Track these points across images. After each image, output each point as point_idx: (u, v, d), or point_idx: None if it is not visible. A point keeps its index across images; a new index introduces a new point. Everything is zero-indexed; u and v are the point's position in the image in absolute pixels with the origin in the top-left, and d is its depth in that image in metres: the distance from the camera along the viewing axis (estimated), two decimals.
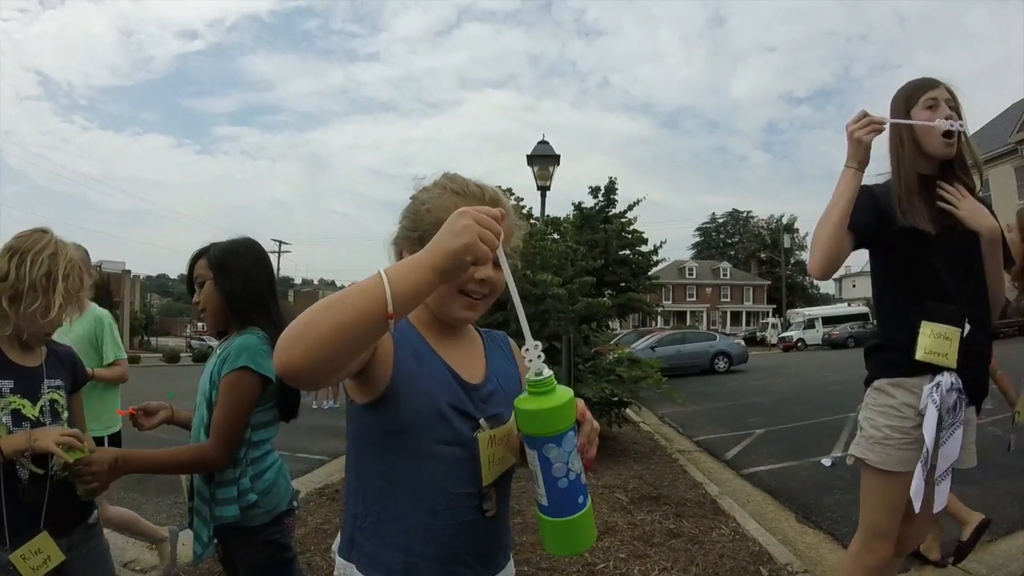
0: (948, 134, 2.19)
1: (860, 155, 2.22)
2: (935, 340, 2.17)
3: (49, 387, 2.03)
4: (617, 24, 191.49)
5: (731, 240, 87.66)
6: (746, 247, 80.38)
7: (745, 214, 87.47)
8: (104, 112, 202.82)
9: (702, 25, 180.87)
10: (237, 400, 2.03)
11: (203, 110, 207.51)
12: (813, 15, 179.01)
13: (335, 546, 1.37)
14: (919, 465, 2.15)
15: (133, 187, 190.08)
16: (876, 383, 2.33)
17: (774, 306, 66.72)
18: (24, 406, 1.94)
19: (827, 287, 74.42)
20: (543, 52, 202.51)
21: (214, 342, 2.35)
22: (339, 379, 1.12)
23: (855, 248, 2.33)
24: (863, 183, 2.30)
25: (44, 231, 2.02)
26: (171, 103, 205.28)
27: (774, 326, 51.29)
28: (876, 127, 2.20)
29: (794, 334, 43.48)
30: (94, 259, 2.14)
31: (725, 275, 71.14)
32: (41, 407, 1.99)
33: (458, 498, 1.26)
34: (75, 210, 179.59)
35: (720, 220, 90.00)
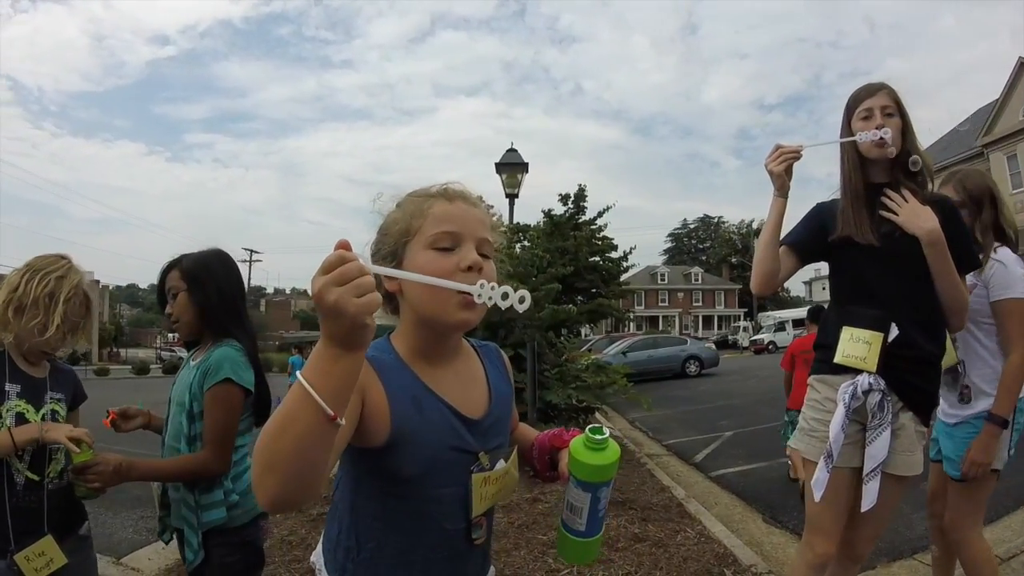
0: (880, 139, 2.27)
1: (778, 184, 2.35)
2: (853, 344, 2.26)
3: (51, 398, 2.15)
4: (591, 31, 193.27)
5: (703, 245, 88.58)
6: (717, 252, 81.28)
7: (717, 219, 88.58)
8: (75, 118, 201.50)
9: (675, 32, 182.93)
10: (226, 411, 2.11)
11: (175, 117, 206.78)
12: (784, 22, 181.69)
13: (314, 557, 1.36)
14: (822, 458, 2.23)
15: (103, 195, 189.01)
16: (809, 379, 2.45)
17: (745, 310, 67.25)
18: (28, 411, 2.05)
19: (798, 290, 75.34)
20: (517, 59, 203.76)
21: (185, 353, 2.39)
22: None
23: (804, 263, 2.48)
24: (821, 200, 2.50)
25: (62, 256, 2.17)
26: (143, 109, 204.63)
27: (745, 329, 51.65)
28: (789, 157, 2.31)
29: (765, 337, 43.80)
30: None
31: (697, 280, 71.64)
32: (43, 415, 2.10)
33: (454, 532, 1.28)
34: (46, 218, 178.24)
35: (692, 225, 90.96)
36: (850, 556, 2.43)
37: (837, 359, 2.28)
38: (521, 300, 1.01)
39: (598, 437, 1.24)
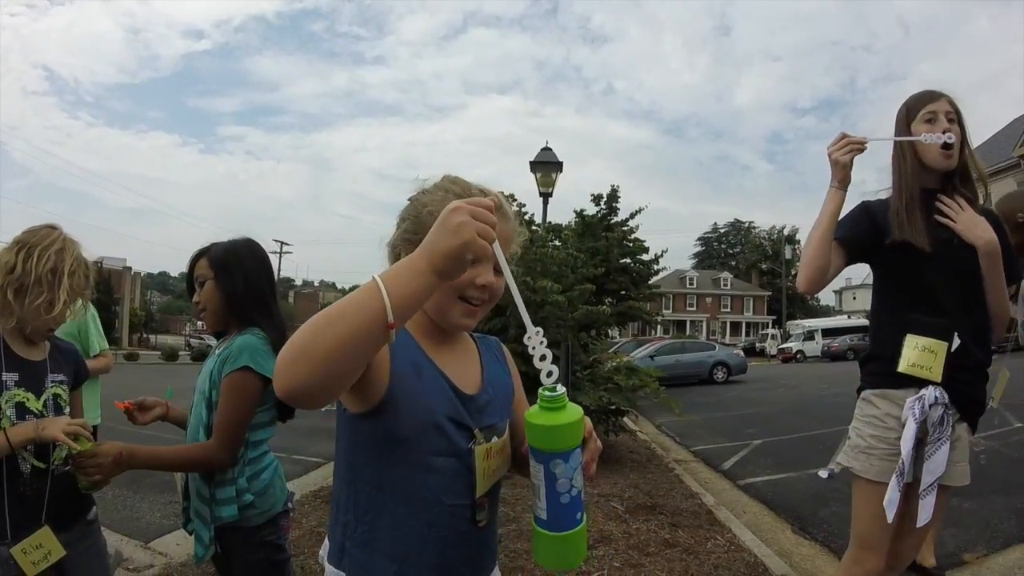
0: (946, 146, 2.20)
1: (840, 175, 2.25)
2: (919, 353, 2.19)
3: (52, 381, 2.05)
4: (622, 30, 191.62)
5: (732, 250, 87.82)
6: (747, 257, 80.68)
7: (747, 224, 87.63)
8: (110, 109, 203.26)
9: (707, 32, 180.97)
10: (239, 400, 2.03)
11: (208, 109, 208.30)
12: (817, 24, 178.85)
13: (323, 551, 1.36)
14: (894, 476, 2.16)
15: (136, 184, 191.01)
16: (864, 393, 2.37)
17: (774, 317, 66.67)
18: (28, 399, 1.96)
19: (827, 299, 74.66)
20: (548, 57, 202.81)
21: (213, 341, 2.35)
22: (340, 394, 1.11)
23: (850, 262, 2.38)
24: (864, 199, 2.42)
25: (53, 227, 2.05)
26: (177, 102, 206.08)
27: (774, 337, 51.18)
28: (855, 147, 2.23)
29: (793, 345, 43.34)
30: (95, 256, 2.14)
31: (726, 285, 71.14)
32: (44, 401, 2.00)
33: (453, 509, 1.26)
34: (79, 206, 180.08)
35: (722, 230, 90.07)
36: (892, 566, 2.39)
37: (902, 368, 2.21)
38: (549, 375, 1.05)
39: (548, 394, 1.07)
